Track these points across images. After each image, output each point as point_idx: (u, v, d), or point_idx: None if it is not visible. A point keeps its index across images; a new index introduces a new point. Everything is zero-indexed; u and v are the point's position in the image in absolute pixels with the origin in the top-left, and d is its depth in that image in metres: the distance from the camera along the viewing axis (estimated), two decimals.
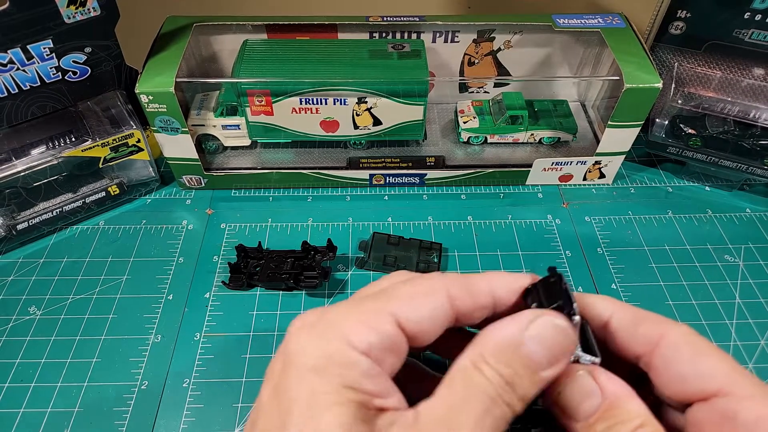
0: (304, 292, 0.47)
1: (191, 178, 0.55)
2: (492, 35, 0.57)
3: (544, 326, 0.22)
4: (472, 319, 0.25)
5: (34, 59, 0.45)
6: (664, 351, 0.23)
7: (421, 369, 0.28)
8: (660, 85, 0.48)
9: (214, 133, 0.55)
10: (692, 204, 0.55)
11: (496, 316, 0.25)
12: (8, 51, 0.43)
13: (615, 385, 0.23)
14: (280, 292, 0.47)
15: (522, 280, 0.25)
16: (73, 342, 0.44)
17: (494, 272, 0.25)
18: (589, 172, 0.56)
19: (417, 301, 0.23)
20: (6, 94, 0.45)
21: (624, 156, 0.54)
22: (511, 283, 0.25)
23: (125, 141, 0.50)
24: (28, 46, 0.44)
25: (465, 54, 0.59)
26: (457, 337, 0.28)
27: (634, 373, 0.25)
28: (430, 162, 0.56)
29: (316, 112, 0.52)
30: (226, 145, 0.56)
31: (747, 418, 0.21)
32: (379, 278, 0.27)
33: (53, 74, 0.47)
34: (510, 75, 0.61)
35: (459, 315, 0.24)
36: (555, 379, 0.23)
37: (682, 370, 0.23)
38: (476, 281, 0.25)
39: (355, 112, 0.52)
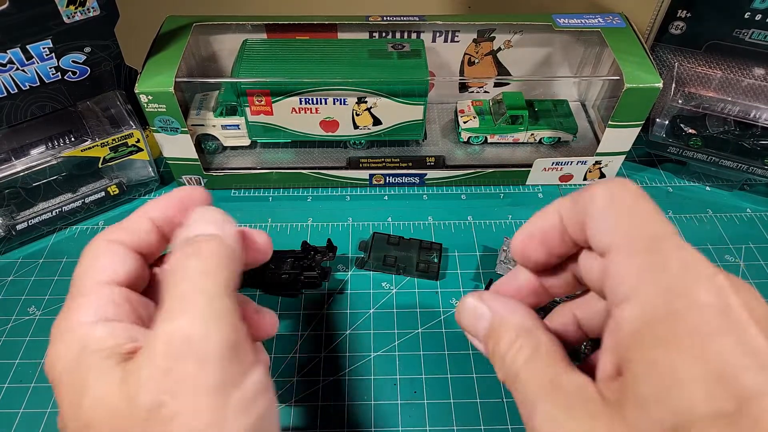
0: (303, 292, 0.47)
1: (191, 178, 0.55)
2: (492, 35, 0.57)
3: (188, 218, 0.25)
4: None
5: (33, 59, 0.45)
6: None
7: (253, 306, 0.31)
8: (660, 84, 0.48)
9: (213, 133, 0.55)
10: (693, 204, 0.55)
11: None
12: (8, 51, 0.43)
13: (499, 304, 0.25)
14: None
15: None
16: None
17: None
18: (590, 172, 0.56)
19: (106, 258, 0.26)
20: (5, 94, 0.45)
21: (624, 156, 0.54)
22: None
23: (125, 141, 0.50)
24: (27, 46, 0.44)
25: (465, 54, 0.59)
26: None
27: None
28: (430, 162, 0.56)
29: (316, 112, 0.52)
30: (225, 144, 0.56)
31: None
32: None
33: (53, 74, 0.46)
34: (510, 75, 0.61)
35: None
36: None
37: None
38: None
39: (354, 111, 0.52)
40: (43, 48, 0.45)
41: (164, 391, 0.20)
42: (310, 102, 0.51)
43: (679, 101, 0.55)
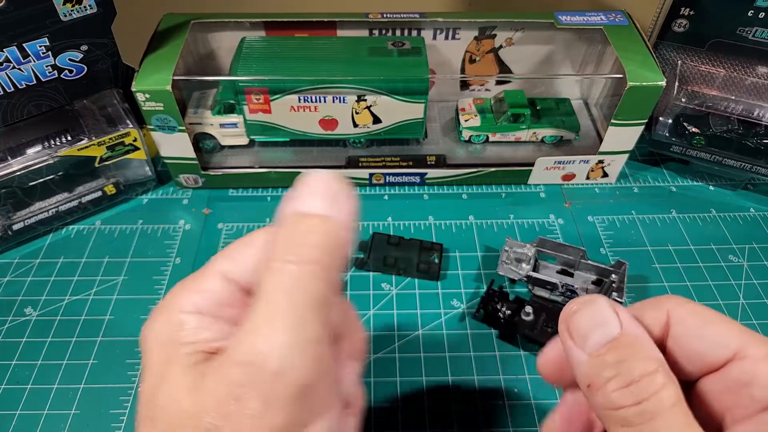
0: None
1: (188, 178, 0.55)
2: (493, 32, 0.57)
3: (299, 183, 0.22)
4: None
5: (30, 57, 0.44)
6: (673, 331, 0.23)
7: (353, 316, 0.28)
8: (663, 83, 0.47)
9: (211, 132, 0.54)
10: (696, 203, 0.55)
11: None
12: (4, 49, 0.43)
13: (636, 325, 0.23)
14: None
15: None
16: (70, 343, 0.43)
17: None
18: (592, 171, 0.56)
19: (235, 253, 0.24)
20: (2, 92, 0.45)
21: (627, 155, 0.54)
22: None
23: (122, 140, 0.50)
24: (24, 44, 0.43)
25: (466, 51, 0.58)
26: None
27: None
28: (430, 161, 0.56)
29: (315, 111, 0.52)
30: (223, 143, 0.56)
31: (764, 380, 0.20)
32: None
33: (49, 72, 0.46)
34: (511, 73, 0.61)
35: None
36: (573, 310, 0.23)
37: (695, 346, 0.22)
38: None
39: (354, 110, 0.52)
40: (40, 46, 0.44)
41: (224, 416, 0.19)
42: (309, 100, 0.50)
43: (683, 100, 0.55)
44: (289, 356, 0.19)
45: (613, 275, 0.45)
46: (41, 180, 0.49)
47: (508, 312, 0.43)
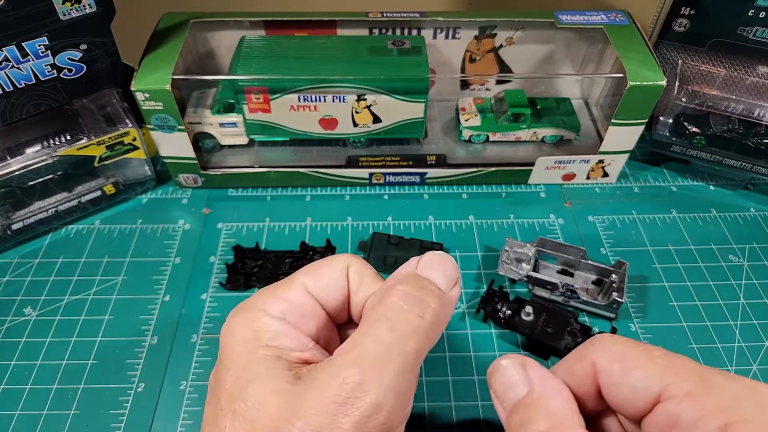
0: None
1: (188, 177, 0.55)
2: (493, 32, 0.57)
3: (430, 256, 0.27)
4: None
5: (29, 56, 0.44)
6: (601, 380, 0.23)
7: None
8: (664, 82, 0.47)
9: (211, 131, 0.54)
10: (696, 203, 0.55)
11: None
12: (3, 48, 0.43)
13: (543, 380, 0.23)
14: None
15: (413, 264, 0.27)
16: (69, 343, 0.43)
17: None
18: (592, 170, 0.55)
19: (318, 272, 0.27)
20: (1, 92, 0.45)
21: (627, 155, 0.54)
22: (406, 264, 0.28)
23: (121, 139, 0.50)
24: (23, 44, 0.43)
25: (466, 51, 0.58)
26: None
27: None
28: (430, 160, 0.55)
29: (315, 110, 0.51)
30: (223, 143, 0.56)
31: (687, 420, 0.21)
32: None
33: (48, 72, 0.46)
34: (512, 72, 0.61)
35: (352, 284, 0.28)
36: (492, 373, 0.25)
37: (621, 393, 0.23)
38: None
39: (354, 109, 0.52)
40: (39, 45, 0.44)
41: (315, 427, 0.21)
42: (309, 99, 0.50)
43: (683, 99, 0.55)
44: (387, 397, 0.21)
45: (614, 275, 0.45)
46: (40, 180, 0.49)
47: (508, 312, 0.43)
